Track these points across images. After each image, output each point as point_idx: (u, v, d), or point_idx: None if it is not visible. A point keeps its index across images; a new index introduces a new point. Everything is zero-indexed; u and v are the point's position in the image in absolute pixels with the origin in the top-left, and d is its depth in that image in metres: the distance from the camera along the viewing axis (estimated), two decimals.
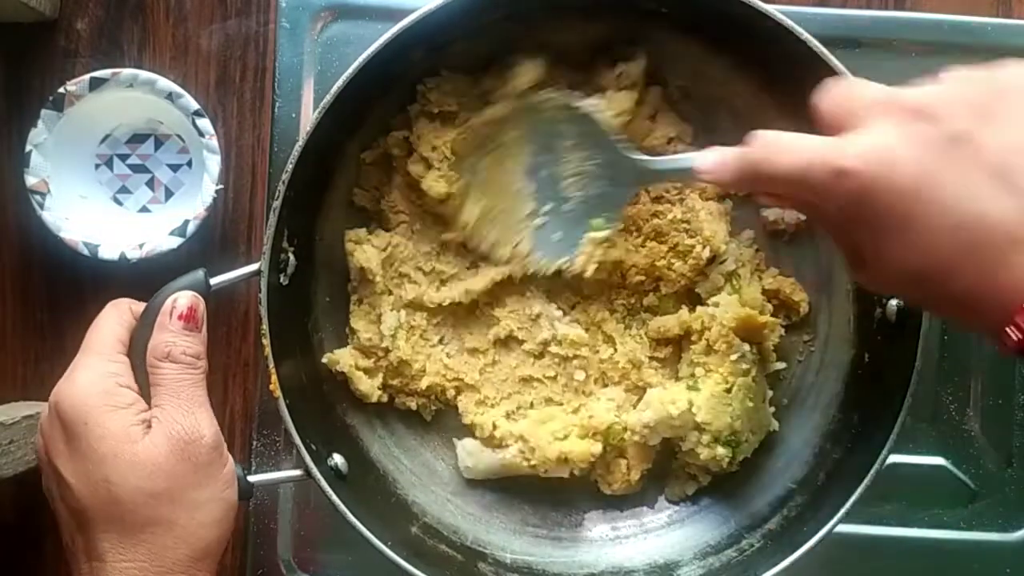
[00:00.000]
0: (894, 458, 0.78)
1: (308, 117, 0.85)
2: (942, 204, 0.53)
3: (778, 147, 0.59)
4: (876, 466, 0.73)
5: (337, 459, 0.77)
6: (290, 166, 0.72)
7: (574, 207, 0.79)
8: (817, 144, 0.58)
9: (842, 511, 0.73)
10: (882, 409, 0.74)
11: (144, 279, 0.81)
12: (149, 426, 0.66)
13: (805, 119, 0.80)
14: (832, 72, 0.72)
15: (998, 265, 0.52)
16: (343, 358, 0.81)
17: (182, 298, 0.70)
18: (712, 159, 0.64)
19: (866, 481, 0.73)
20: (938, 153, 0.53)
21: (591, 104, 0.77)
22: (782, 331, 0.82)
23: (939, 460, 0.87)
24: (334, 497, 0.72)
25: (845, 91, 0.60)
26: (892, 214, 0.54)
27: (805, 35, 0.72)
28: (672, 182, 0.82)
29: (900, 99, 0.56)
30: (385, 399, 0.83)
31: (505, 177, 0.80)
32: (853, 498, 0.73)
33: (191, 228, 0.81)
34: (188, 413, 0.67)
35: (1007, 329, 0.53)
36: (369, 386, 0.81)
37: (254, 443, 0.85)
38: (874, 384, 0.78)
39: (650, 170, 0.74)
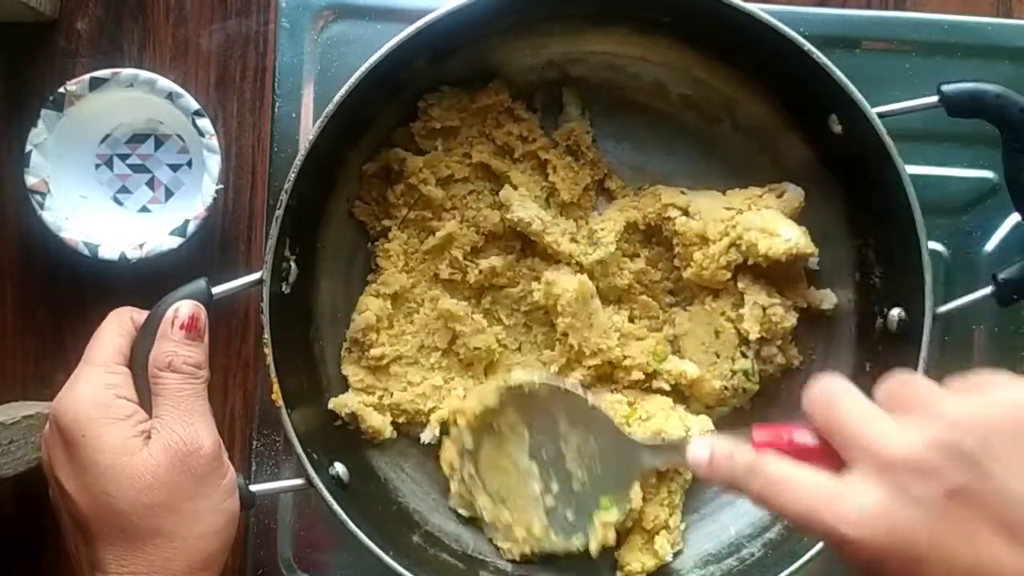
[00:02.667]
0: None
1: (308, 117, 0.84)
2: (951, 567, 0.50)
3: (780, 485, 0.55)
4: None
5: (338, 468, 0.78)
6: (292, 175, 0.71)
7: (581, 487, 0.75)
8: (817, 496, 0.53)
9: None
10: None
11: (144, 279, 0.81)
12: (148, 437, 0.66)
13: (804, 128, 0.80)
14: (832, 80, 0.72)
15: None
16: (349, 400, 0.82)
17: (184, 307, 0.69)
18: (704, 455, 0.60)
19: None
20: (939, 513, 0.50)
21: (575, 384, 0.75)
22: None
23: None
24: (336, 507, 0.73)
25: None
26: None
27: (808, 46, 0.72)
28: (674, 466, 0.80)
29: (886, 453, 0.52)
30: (395, 435, 0.84)
31: (508, 460, 0.77)
32: None
33: (191, 228, 0.80)
34: (187, 424, 0.67)
35: None
36: (380, 422, 0.82)
37: (254, 444, 0.85)
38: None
39: (648, 454, 0.70)
